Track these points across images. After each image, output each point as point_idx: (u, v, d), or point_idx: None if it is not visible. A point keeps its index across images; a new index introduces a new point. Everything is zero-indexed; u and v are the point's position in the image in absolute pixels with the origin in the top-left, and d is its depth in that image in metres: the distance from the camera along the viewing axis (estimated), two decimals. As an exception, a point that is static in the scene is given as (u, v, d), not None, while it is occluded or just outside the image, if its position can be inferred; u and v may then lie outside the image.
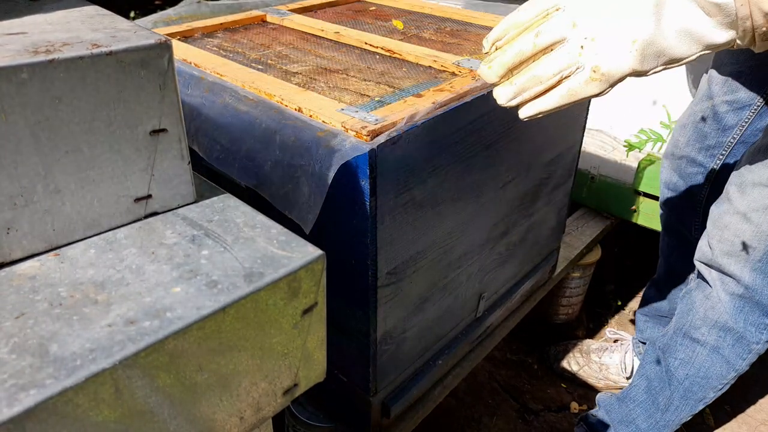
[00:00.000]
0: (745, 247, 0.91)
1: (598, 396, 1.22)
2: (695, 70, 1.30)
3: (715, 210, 0.97)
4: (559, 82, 0.59)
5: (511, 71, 0.61)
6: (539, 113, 0.61)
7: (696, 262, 1.02)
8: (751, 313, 0.95)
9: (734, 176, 0.93)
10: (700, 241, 1.00)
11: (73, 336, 0.40)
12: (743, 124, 1.04)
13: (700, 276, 1.01)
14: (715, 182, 1.11)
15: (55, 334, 0.40)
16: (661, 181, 1.21)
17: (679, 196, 1.18)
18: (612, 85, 0.59)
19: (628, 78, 0.59)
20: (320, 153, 0.65)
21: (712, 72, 1.07)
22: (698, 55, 0.58)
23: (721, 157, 1.08)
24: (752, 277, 0.91)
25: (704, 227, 1.01)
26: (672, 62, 0.59)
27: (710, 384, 1.02)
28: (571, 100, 0.59)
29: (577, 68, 0.58)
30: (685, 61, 0.59)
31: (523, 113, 0.62)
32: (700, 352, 1.02)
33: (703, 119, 1.09)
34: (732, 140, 1.06)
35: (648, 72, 0.59)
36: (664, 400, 1.08)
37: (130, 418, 0.40)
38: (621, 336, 1.47)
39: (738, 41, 0.57)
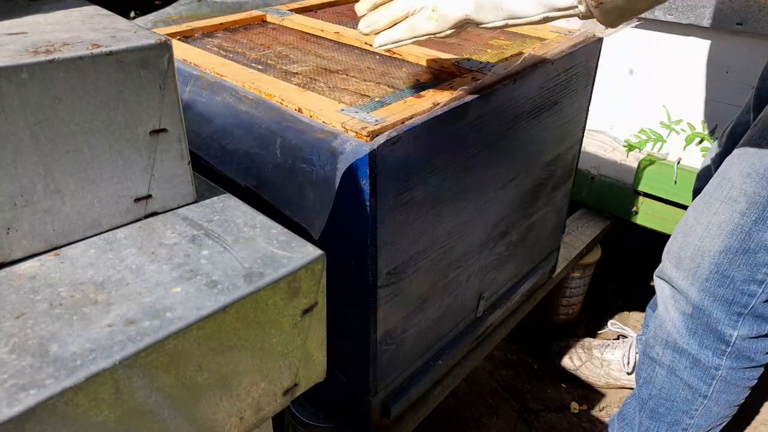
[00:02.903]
0: (690, 260, 0.88)
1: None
2: (716, 78, 1.29)
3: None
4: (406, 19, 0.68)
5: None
6: (388, 42, 0.70)
7: (654, 277, 1.00)
8: (705, 337, 0.91)
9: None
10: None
11: (73, 336, 0.40)
12: None
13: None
14: None
15: (55, 334, 0.40)
16: (694, 187, 1.19)
17: None
18: (451, 28, 0.66)
19: (630, 77, 0.60)
20: (322, 159, 0.65)
21: (758, 84, 1.04)
22: (542, 16, 0.63)
23: None
24: (700, 297, 0.88)
25: None
26: (514, 18, 0.64)
27: (677, 407, 0.98)
28: (413, 34, 0.68)
29: (422, 8, 0.67)
30: (528, 20, 0.64)
31: (376, 42, 0.71)
32: (659, 372, 0.99)
33: (743, 132, 1.03)
34: None
35: (488, 24, 0.65)
36: (638, 420, 1.06)
37: (130, 418, 0.40)
38: (624, 330, 1.46)
39: (580, 8, 0.62)
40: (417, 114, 0.69)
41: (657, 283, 0.99)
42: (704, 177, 1.16)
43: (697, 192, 1.18)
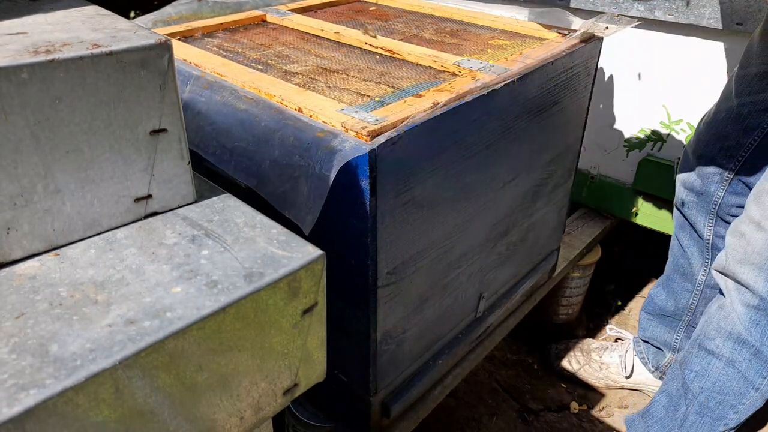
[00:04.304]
0: (758, 255, 0.90)
1: (626, 416, 1.22)
2: (706, 68, 1.30)
3: (734, 220, 0.96)
4: None
5: None
6: None
7: (713, 271, 1.01)
8: None
9: (755, 186, 0.93)
10: (720, 252, 0.99)
11: (73, 336, 0.40)
12: (765, 126, 1.00)
13: (718, 286, 1.01)
14: (732, 184, 1.08)
15: (55, 334, 0.40)
16: (677, 179, 1.19)
17: (695, 196, 1.15)
18: None
19: (630, 77, 0.60)
20: (320, 154, 0.65)
21: (738, 71, 1.04)
22: None
23: (740, 159, 1.05)
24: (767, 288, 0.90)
25: (717, 229, 0.99)
26: None
27: (727, 401, 0.99)
28: None
29: None
30: None
31: None
32: (715, 365, 1.00)
33: (726, 119, 1.05)
34: (753, 142, 1.02)
35: None
36: (680, 415, 1.06)
37: (130, 418, 0.40)
38: (621, 334, 1.46)
39: None
40: (417, 114, 0.69)
41: (718, 278, 0.99)
42: (684, 164, 1.17)
43: (680, 181, 1.19)
